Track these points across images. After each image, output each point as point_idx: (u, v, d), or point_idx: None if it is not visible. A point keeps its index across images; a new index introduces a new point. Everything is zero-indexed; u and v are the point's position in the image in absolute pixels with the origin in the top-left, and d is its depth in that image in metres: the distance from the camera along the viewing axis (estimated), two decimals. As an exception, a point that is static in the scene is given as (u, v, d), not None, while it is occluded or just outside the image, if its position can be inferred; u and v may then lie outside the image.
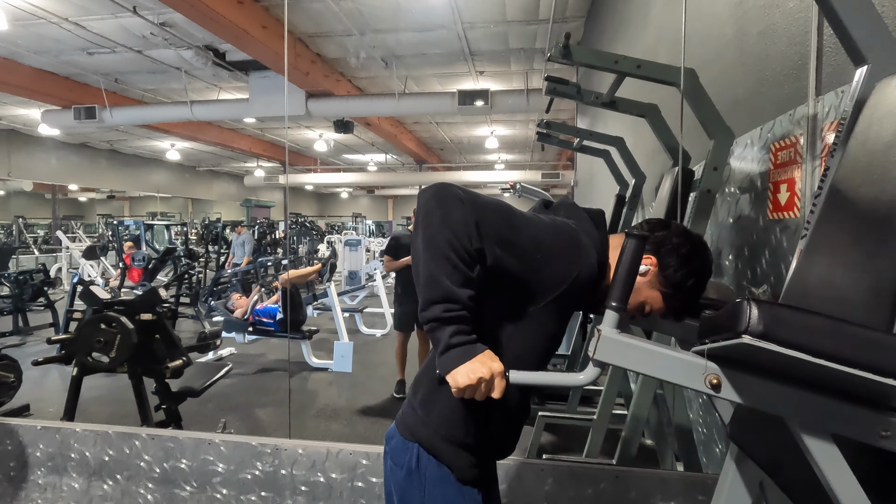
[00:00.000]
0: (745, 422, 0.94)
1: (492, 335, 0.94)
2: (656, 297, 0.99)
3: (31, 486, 1.93)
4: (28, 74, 7.51)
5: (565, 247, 0.92)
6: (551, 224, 0.95)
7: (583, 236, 0.95)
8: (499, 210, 0.89)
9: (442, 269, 0.83)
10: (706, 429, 2.04)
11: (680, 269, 0.97)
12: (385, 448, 1.06)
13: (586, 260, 0.93)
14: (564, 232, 0.94)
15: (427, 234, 0.84)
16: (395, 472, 1.02)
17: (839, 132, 0.99)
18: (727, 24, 1.93)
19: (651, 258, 0.99)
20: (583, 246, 0.94)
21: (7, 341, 5.47)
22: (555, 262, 0.91)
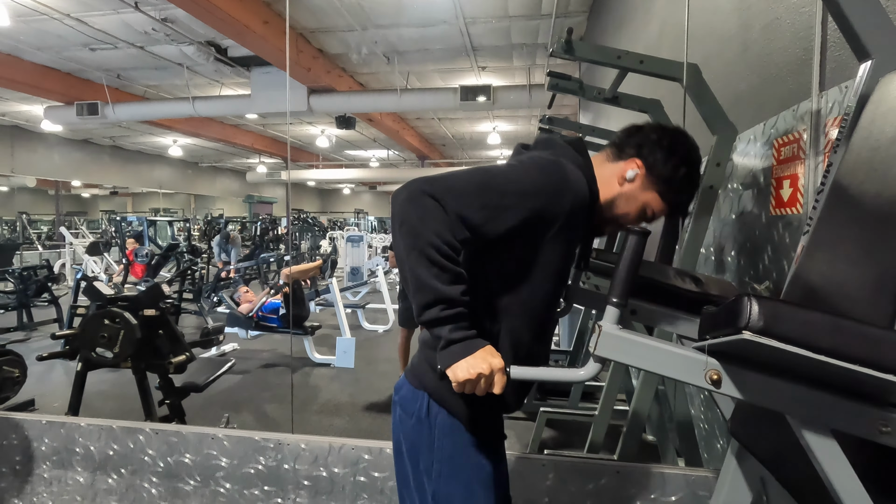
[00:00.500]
0: (745, 417, 0.94)
1: (500, 288, 0.93)
2: (653, 199, 0.99)
3: (36, 480, 1.95)
4: (30, 70, 7.52)
5: (551, 181, 0.90)
6: (531, 164, 0.93)
7: (566, 164, 0.93)
8: (475, 183, 0.87)
9: (430, 273, 0.82)
10: (707, 424, 2.04)
11: (667, 162, 0.97)
12: (394, 398, 1.05)
13: (575, 186, 0.92)
14: (546, 166, 0.92)
15: (408, 240, 0.83)
16: (405, 420, 1.00)
17: (842, 128, 0.98)
18: (730, 18, 1.92)
19: (635, 161, 0.99)
20: (568, 174, 0.92)
21: (12, 337, 5.51)
22: (546, 200, 0.89)
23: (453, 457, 0.96)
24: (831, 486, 0.63)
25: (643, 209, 1.01)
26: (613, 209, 1.01)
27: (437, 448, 0.96)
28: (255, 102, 7.78)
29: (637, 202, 1.00)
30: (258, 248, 10.80)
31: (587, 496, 1.58)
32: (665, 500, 1.54)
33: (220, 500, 1.81)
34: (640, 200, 1.00)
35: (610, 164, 1.02)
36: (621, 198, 1.00)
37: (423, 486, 0.98)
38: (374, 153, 15.83)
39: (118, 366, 2.56)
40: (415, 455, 0.99)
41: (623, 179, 1.00)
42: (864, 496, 0.62)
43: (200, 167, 18.50)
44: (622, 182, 1.00)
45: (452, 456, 0.96)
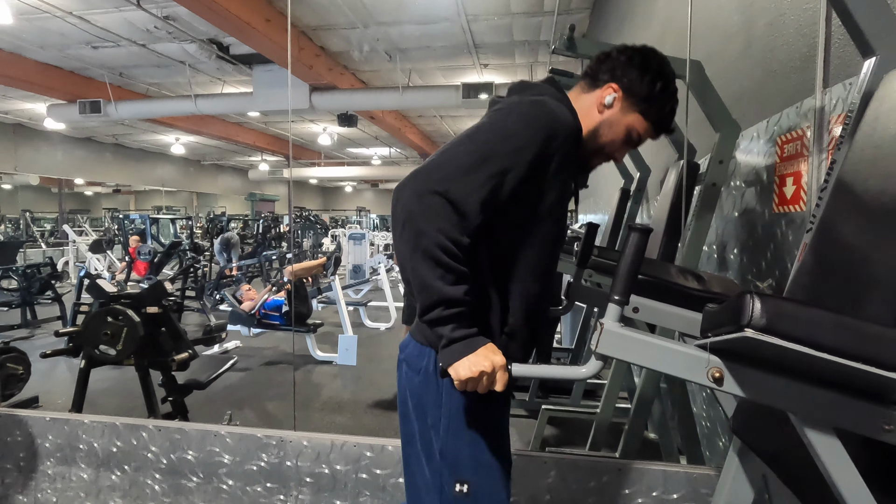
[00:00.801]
0: (747, 415, 0.94)
1: (506, 244, 0.93)
2: (636, 119, 0.99)
3: (40, 477, 1.96)
4: (33, 69, 7.53)
5: (539, 124, 0.89)
6: (515, 113, 0.91)
7: (548, 101, 0.93)
8: (472, 158, 0.85)
9: (434, 274, 0.82)
10: (709, 422, 2.04)
11: (643, 79, 0.97)
12: (400, 357, 1.04)
13: (563, 119, 0.91)
14: (530, 110, 0.91)
15: (412, 242, 0.82)
16: (411, 377, 1.00)
17: (846, 125, 0.98)
18: (734, 15, 1.91)
19: (611, 86, 0.99)
20: (553, 110, 0.91)
21: (15, 334, 5.53)
22: (539, 146, 0.88)
23: (460, 411, 0.95)
24: (834, 485, 0.63)
25: (628, 133, 1.01)
26: (598, 139, 1.01)
27: (444, 403, 0.96)
28: (256, 100, 7.77)
29: (620, 126, 1.00)
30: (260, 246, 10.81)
31: (589, 494, 1.58)
32: (667, 498, 1.54)
33: (222, 497, 1.81)
34: (623, 124, 1.00)
35: (586, 94, 1.02)
36: (604, 125, 1.00)
37: (430, 442, 0.98)
38: (376, 151, 15.82)
39: (121, 363, 2.57)
40: (422, 411, 0.99)
41: (602, 106, 1.00)
42: (866, 495, 0.62)
43: (203, 165, 18.51)
44: (602, 109, 1.00)
45: (460, 410, 0.95)
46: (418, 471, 1.01)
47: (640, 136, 1.01)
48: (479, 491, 0.96)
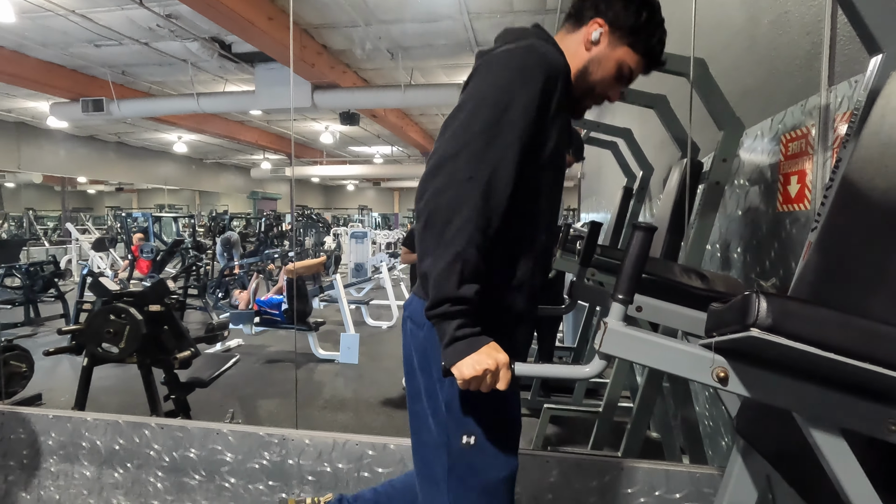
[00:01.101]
0: (751, 415, 0.94)
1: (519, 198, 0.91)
2: (625, 53, 0.98)
3: (43, 474, 1.97)
4: (36, 67, 7.54)
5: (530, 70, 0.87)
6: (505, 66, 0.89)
7: (534, 42, 0.92)
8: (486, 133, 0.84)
9: (451, 271, 0.81)
10: (712, 421, 2.03)
11: (628, 10, 0.96)
12: (404, 314, 1.04)
13: (553, 59, 0.90)
14: (520, 60, 0.89)
15: (437, 236, 0.82)
16: (416, 333, 0.99)
17: (852, 123, 0.97)
18: (738, 12, 1.90)
19: (596, 21, 0.98)
20: (542, 52, 0.90)
21: (19, 332, 5.55)
22: (539, 94, 0.87)
23: None
24: (839, 485, 0.63)
25: (619, 68, 0.99)
26: (588, 77, 1.00)
27: None
28: (259, 98, 7.78)
29: (610, 62, 0.99)
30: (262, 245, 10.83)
31: (591, 493, 1.58)
32: (669, 498, 1.54)
33: (225, 495, 1.82)
34: (612, 59, 0.99)
35: (571, 35, 1.01)
36: (593, 63, 0.99)
37: (435, 395, 0.97)
38: (378, 149, 15.82)
39: (124, 361, 2.57)
40: (426, 365, 0.98)
41: (589, 43, 0.99)
42: (872, 495, 0.62)
43: (205, 163, 18.54)
44: (589, 46, 0.99)
45: None
46: (424, 427, 0.99)
47: (632, 70, 0.99)
48: (485, 443, 0.95)
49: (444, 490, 0.96)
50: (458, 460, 0.96)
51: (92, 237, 9.99)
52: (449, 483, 0.96)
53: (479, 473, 0.96)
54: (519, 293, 0.96)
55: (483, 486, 0.96)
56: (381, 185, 24.11)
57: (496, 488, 0.97)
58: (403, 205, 25.29)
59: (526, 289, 0.97)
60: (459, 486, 0.96)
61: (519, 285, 0.96)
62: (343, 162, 17.43)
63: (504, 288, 0.95)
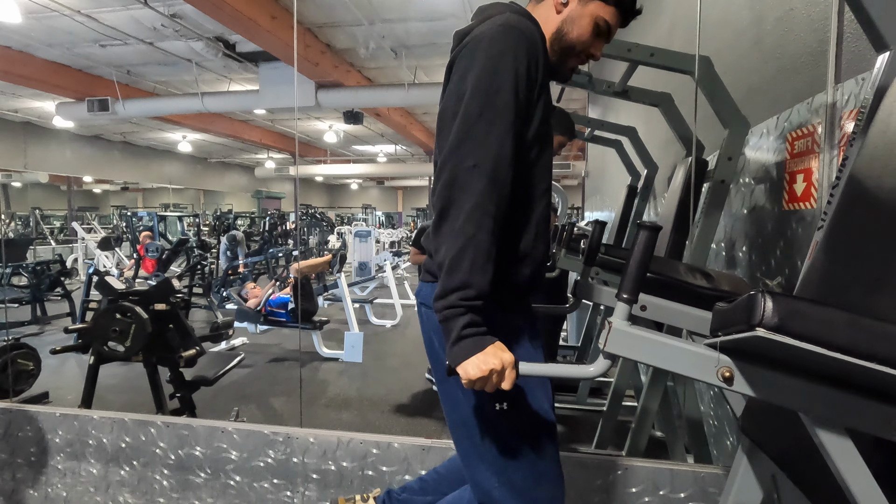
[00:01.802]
0: (757, 415, 0.93)
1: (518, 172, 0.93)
2: (598, 7, 0.98)
3: (51, 472, 1.98)
4: (42, 67, 7.59)
5: (513, 51, 0.88)
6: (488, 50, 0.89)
7: (509, 18, 0.92)
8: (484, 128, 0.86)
9: (464, 257, 0.82)
10: (717, 421, 2.02)
11: None
12: (417, 301, 1.05)
13: (526, 33, 0.91)
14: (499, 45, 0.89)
15: (451, 224, 0.83)
16: (430, 315, 0.98)
17: (859, 121, 0.96)
18: (744, 9, 1.89)
19: None
20: (517, 29, 0.90)
21: (26, 330, 5.59)
22: (523, 73, 0.88)
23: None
24: (845, 485, 0.62)
25: (595, 24, 0.99)
26: (565, 38, 1.00)
27: None
28: (263, 98, 7.79)
29: (584, 19, 0.99)
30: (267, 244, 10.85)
31: (595, 492, 1.58)
32: (674, 497, 1.53)
33: (230, 493, 1.83)
34: (586, 16, 0.99)
35: (541, 2, 1.02)
36: (566, 23, 1.00)
37: None
38: (382, 148, 15.82)
39: (129, 359, 2.59)
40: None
41: (560, 5, 1.00)
42: (879, 496, 0.61)
43: (209, 163, 18.60)
44: (560, 8, 1.00)
45: None
46: (456, 404, 0.99)
47: (609, 24, 0.99)
48: (518, 404, 0.95)
49: (489, 460, 0.97)
50: (494, 428, 0.96)
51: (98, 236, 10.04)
52: (490, 452, 0.96)
53: (518, 437, 0.96)
54: (523, 265, 0.98)
55: (523, 449, 0.97)
56: (384, 183, 24.13)
57: (537, 448, 0.97)
58: (407, 203, 25.30)
59: (529, 260, 0.98)
60: (501, 453, 0.96)
61: (522, 257, 0.97)
62: (347, 161, 17.44)
63: (507, 262, 0.95)
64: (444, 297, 0.84)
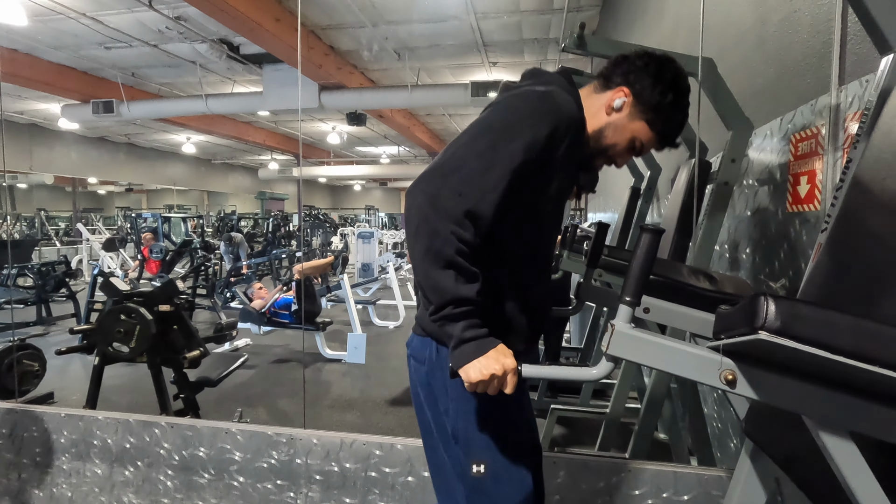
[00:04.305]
0: (760, 417, 0.93)
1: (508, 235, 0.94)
2: (641, 128, 0.98)
3: (56, 472, 2.00)
4: (47, 69, 7.64)
5: (545, 117, 0.89)
6: (523, 101, 0.92)
7: (556, 90, 0.93)
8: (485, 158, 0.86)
9: (446, 275, 0.83)
10: (720, 423, 2.02)
11: (655, 88, 0.96)
12: (408, 353, 1.07)
13: (567, 112, 0.91)
14: (537, 101, 0.91)
15: (426, 242, 0.83)
16: (418, 369, 1.02)
17: (863, 123, 0.96)
18: (747, 11, 1.89)
19: (623, 89, 0.98)
20: (560, 103, 0.91)
21: (31, 331, 5.62)
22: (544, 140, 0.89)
23: (465, 392, 0.95)
24: (849, 489, 0.62)
25: (632, 140, 1.00)
26: (602, 140, 1.01)
27: (449, 388, 0.97)
28: (266, 99, 7.82)
29: (626, 132, 0.99)
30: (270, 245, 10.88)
31: (598, 494, 1.58)
32: (677, 500, 1.53)
33: (233, 494, 1.83)
34: (628, 130, 0.99)
35: (597, 94, 1.02)
36: (609, 127, 1.00)
37: (443, 427, 0.99)
38: (385, 149, 15.85)
39: (134, 360, 2.60)
40: (432, 400, 1.01)
41: (611, 109, 0.99)
42: (882, 498, 0.61)
43: (213, 164, 18.67)
44: (610, 111, 1.00)
45: (465, 392, 0.95)
46: (439, 460, 1.03)
47: (644, 145, 1.01)
48: (496, 469, 0.96)
49: None
50: (473, 489, 0.98)
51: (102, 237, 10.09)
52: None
53: (495, 499, 0.97)
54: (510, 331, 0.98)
55: None
56: (387, 185, 24.15)
57: None
58: (410, 205, 25.26)
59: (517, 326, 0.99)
60: None
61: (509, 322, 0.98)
62: (350, 162, 17.48)
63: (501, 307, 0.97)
64: (437, 312, 0.85)
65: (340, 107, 8.41)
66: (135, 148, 15.07)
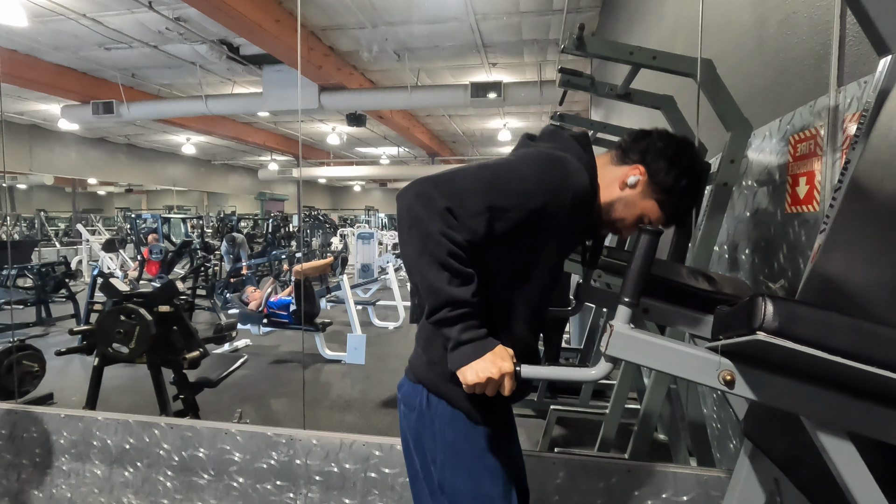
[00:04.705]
0: (759, 418, 0.93)
1: (500, 286, 0.94)
2: (652, 207, 0.99)
3: (55, 473, 2.00)
4: (48, 70, 7.64)
5: (554, 178, 0.90)
6: (535, 159, 0.93)
7: (570, 159, 0.93)
8: (482, 183, 0.87)
9: (440, 276, 0.83)
10: (720, 424, 2.02)
11: (670, 171, 0.96)
12: (398, 396, 1.06)
13: (577, 182, 0.91)
14: (550, 162, 0.92)
15: (418, 244, 0.83)
16: (408, 416, 1.02)
17: (861, 124, 0.96)
18: (746, 12, 1.89)
19: (639, 167, 0.98)
20: (570, 170, 0.92)
21: (31, 332, 5.62)
22: (548, 198, 0.89)
23: (455, 444, 0.96)
24: (847, 489, 0.62)
25: (640, 217, 1.00)
26: (612, 213, 1.01)
27: (438, 437, 0.97)
28: (266, 100, 7.83)
29: (636, 209, 1.00)
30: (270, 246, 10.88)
31: (597, 495, 1.58)
32: (676, 500, 1.53)
33: (233, 494, 1.83)
34: (638, 207, 0.99)
35: (613, 167, 1.02)
36: (620, 202, 1.00)
37: (431, 475, 0.99)
38: (385, 150, 15.86)
39: (134, 361, 2.60)
40: (421, 448, 1.01)
41: (624, 184, 0.99)
42: (880, 498, 0.61)
43: (213, 165, 18.67)
44: (623, 187, 0.99)
45: (454, 443, 0.96)
46: None
47: (652, 223, 1.01)
48: None
49: None
50: None
51: (102, 238, 10.09)
52: None
53: None
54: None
55: None
56: (387, 185, 24.15)
57: None
58: (410, 205, 25.28)
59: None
60: None
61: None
62: (350, 163, 17.48)
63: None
64: (433, 314, 0.85)
65: (340, 108, 8.42)
66: (135, 149, 15.07)
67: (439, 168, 14.90)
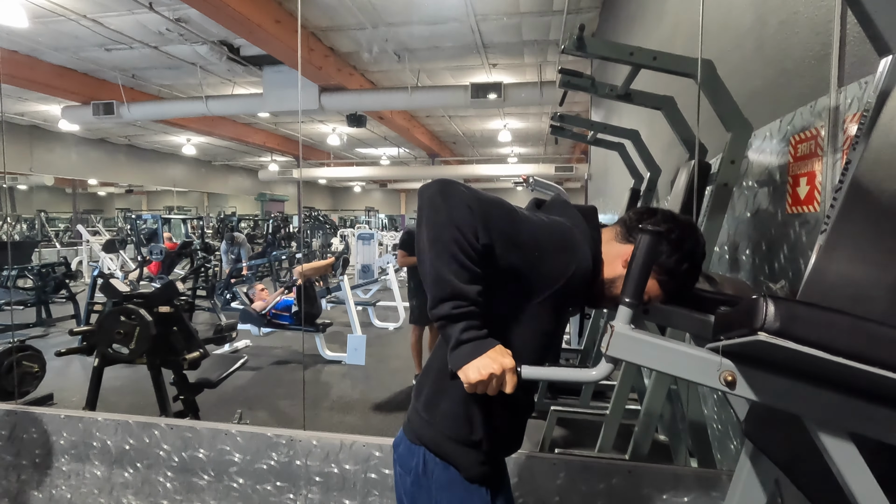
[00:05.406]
0: (760, 419, 0.93)
1: (491, 332, 0.93)
2: (652, 286, 0.99)
3: (55, 473, 1.99)
4: (48, 71, 7.65)
5: (561, 244, 0.93)
6: (547, 222, 0.96)
7: (577, 233, 0.96)
8: (501, 207, 0.90)
9: (449, 268, 0.83)
10: (721, 425, 2.02)
11: (672, 255, 0.97)
12: (394, 456, 1.08)
13: (581, 256, 0.94)
14: (559, 230, 0.95)
15: (433, 232, 0.85)
16: (404, 478, 1.03)
17: (862, 124, 0.96)
18: (746, 13, 1.89)
19: None
20: (577, 243, 0.94)
21: (31, 332, 5.62)
22: (552, 260, 0.92)
23: None
24: (848, 490, 0.62)
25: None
26: (612, 288, 1.01)
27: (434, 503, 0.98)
28: (267, 101, 7.83)
29: None
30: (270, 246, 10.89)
31: (598, 496, 1.57)
32: (677, 501, 1.53)
33: (233, 495, 1.83)
34: None
35: (617, 243, 1.03)
36: (621, 279, 1.00)
37: None
38: (385, 151, 15.86)
39: (134, 362, 2.60)
40: None
41: (626, 263, 0.99)
42: (881, 499, 0.61)
43: (213, 165, 18.68)
44: (625, 265, 0.99)
45: None
46: None
47: (651, 299, 1.02)
48: None
49: None
50: None
51: (102, 239, 10.10)
52: None
53: None
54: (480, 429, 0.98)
55: None
56: (387, 186, 24.16)
57: None
58: (410, 206, 25.33)
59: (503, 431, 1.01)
60: None
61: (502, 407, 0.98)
62: (350, 164, 17.48)
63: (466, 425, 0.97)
64: (436, 307, 0.85)
65: (340, 108, 8.42)
66: (135, 149, 15.08)
67: (439, 169, 14.92)
